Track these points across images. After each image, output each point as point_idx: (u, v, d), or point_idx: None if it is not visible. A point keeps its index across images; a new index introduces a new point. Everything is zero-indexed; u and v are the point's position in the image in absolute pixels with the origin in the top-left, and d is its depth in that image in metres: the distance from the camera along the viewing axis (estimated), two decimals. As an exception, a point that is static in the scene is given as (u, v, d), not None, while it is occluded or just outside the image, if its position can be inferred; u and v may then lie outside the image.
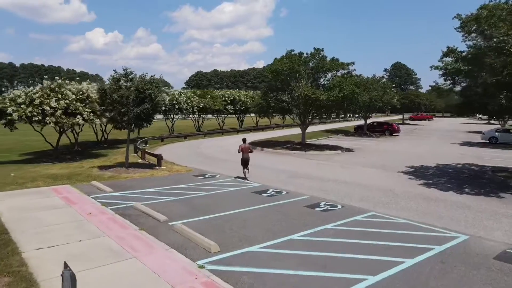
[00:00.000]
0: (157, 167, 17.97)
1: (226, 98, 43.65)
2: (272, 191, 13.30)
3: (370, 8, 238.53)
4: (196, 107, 38.39)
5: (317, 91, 22.95)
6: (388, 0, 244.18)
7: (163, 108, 26.56)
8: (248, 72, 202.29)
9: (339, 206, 11.26)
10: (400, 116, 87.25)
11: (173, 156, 22.34)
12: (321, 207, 11.10)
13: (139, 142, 26.02)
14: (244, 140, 16.23)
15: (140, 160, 20.68)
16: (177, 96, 36.37)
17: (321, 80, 25.68)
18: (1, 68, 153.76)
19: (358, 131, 43.59)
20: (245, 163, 15.45)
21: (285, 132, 42.30)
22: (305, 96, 23.02)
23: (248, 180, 15.05)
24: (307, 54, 25.30)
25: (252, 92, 53.45)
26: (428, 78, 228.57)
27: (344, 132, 43.38)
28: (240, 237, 8.36)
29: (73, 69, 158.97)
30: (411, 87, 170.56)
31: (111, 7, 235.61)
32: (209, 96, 41.31)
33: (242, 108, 45.87)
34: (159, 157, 18.43)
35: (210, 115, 44.19)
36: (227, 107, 43.72)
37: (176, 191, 12.94)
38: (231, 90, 46.80)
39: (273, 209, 10.83)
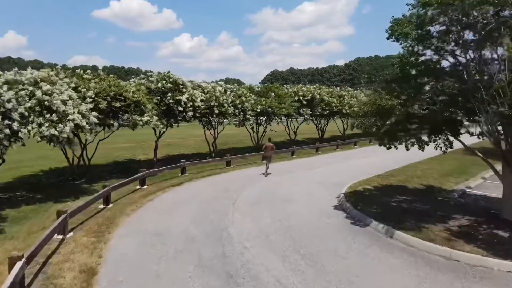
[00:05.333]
0: None
1: (300, 98, 28.37)
2: None
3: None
4: (251, 111, 23.85)
5: None
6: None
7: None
8: (327, 69, 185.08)
9: None
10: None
11: (146, 245, 7.90)
12: None
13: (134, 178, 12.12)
14: (269, 140, 18.98)
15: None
16: (218, 93, 22.14)
17: None
18: (86, 69, 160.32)
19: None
20: (266, 158, 17.78)
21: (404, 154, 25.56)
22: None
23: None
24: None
25: (346, 89, 37.03)
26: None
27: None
28: None
29: (150, 70, 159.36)
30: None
31: (197, 14, 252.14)
32: (273, 94, 26.46)
33: (325, 112, 30.16)
34: None
35: (276, 121, 29.15)
36: (302, 111, 28.41)
37: None
38: (307, 86, 31.38)
39: None
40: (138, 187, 15.20)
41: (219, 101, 21.82)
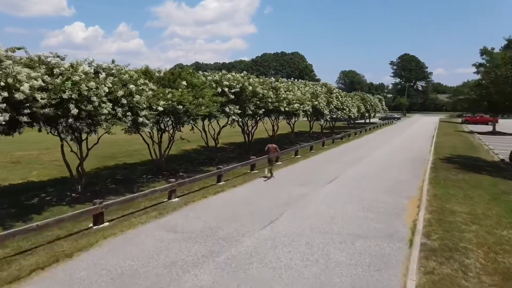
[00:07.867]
0: None
1: (226, 89, 19.02)
2: None
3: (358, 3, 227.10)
4: (147, 110, 13.68)
5: None
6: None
7: None
8: (234, 64, 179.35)
9: None
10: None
11: None
12: None
13: None
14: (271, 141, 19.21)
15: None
16: (82, 77, 11.49)
17: None
18: None
19: None
20: (269, 161, 16.81)
21: (372, 167, 18.04)
22: None
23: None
24: None
25: (281, 80, 28.70)
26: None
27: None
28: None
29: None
30: (421, 83, 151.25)
31: (92, 1, 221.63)
32: (184, 83, 16.62)
33: (260, 111, 21.38)
34: None
35: (191, 125, 19.00)
36: (228, 108, 19.02)
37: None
38: (233, 74, 22.06)
39: None
40: None
41: (82, 91, 11.22)
